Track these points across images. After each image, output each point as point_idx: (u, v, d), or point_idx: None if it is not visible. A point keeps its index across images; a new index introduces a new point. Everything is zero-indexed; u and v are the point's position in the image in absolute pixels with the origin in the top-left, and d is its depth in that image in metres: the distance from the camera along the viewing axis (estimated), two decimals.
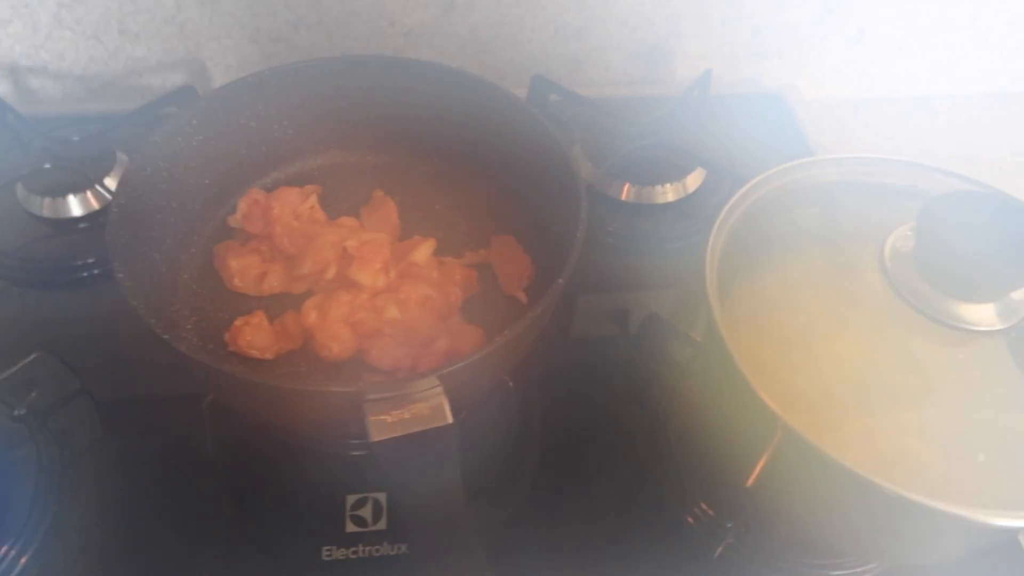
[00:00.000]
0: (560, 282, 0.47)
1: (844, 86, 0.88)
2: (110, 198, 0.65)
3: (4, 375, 0.53)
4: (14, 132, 0.70)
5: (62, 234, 0.67)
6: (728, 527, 0.51)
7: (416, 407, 0.42)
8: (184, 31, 0.76)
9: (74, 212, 0.67)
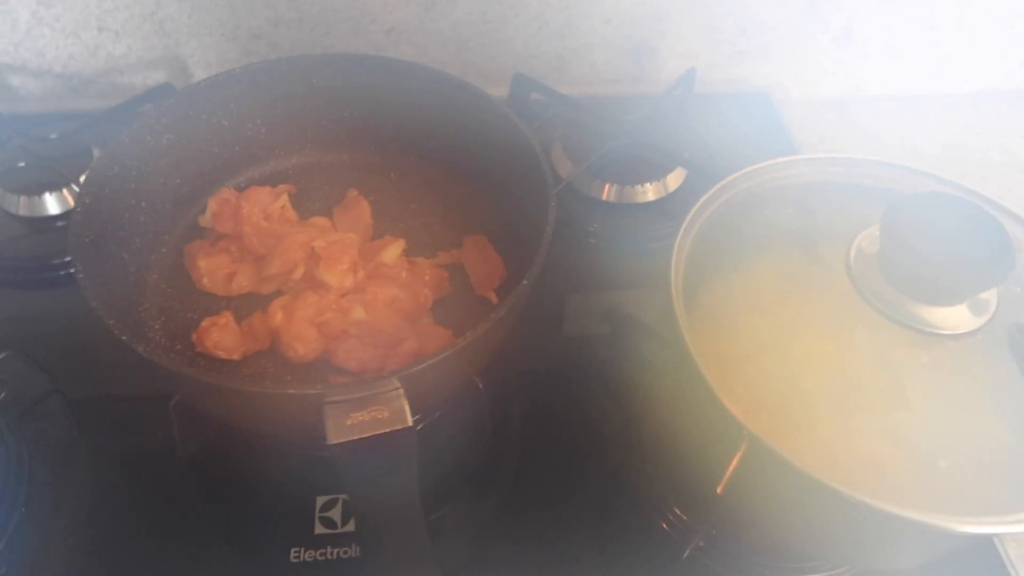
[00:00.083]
0: (524, 284, 0.46)
1: (831, 85, 0.87)
2: None
3: None
4: None
5: (38, 233, 0.67)
6: (698, 531, 0.51)
7: (376, 409, 0.41)
8: (164, 28, 0.76)
9: (50, 210, 0.67)
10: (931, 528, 0.37)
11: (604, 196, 0.71)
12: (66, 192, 0.67)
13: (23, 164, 0.68)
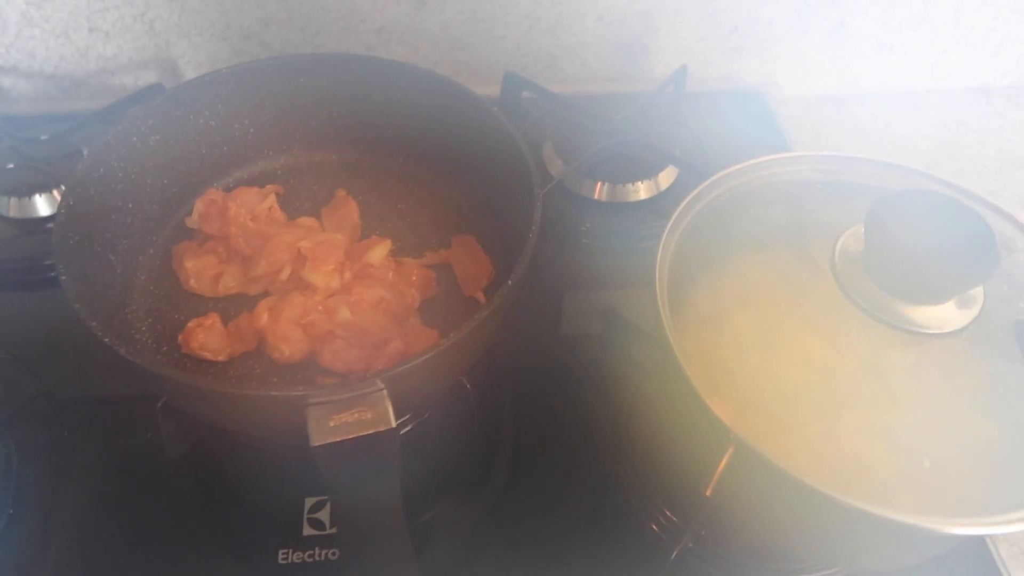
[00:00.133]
0: (509, 284, 0.46)
1: (825, 82, 0.86)
2: None
3: None
4: None
5: (28, 234, 0.67)
6: (687, 532, 0.51)
7: (360, 411, 0.41)
8: (154, 28, 0.76)
9: (40, 212, 0.67)
10: (921, 530, 0.37)
11: (596, 195, 0.71)
12: (56, 194, 0.67)
13: (12, 166, 0.68)
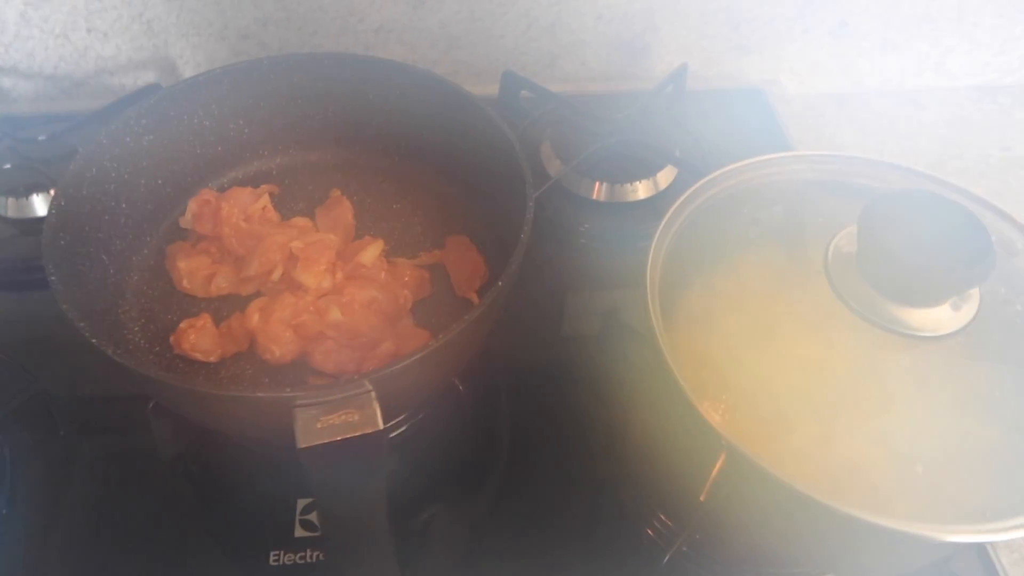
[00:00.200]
0: (500, 285, 0.45)
1: (827, 81, 0.85)
2: None
3: None
4: None
5: (25, 234, 0.67)
6: (682, 537, 0.50)
7: (347, 413, 0.41)
8: (152, 29, 0.76)
9: (38, 212, 0.67)
10: (917, 538, 0.36)
11: (594, 195, 0.70)
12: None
13: (10, 166, 0.68)
